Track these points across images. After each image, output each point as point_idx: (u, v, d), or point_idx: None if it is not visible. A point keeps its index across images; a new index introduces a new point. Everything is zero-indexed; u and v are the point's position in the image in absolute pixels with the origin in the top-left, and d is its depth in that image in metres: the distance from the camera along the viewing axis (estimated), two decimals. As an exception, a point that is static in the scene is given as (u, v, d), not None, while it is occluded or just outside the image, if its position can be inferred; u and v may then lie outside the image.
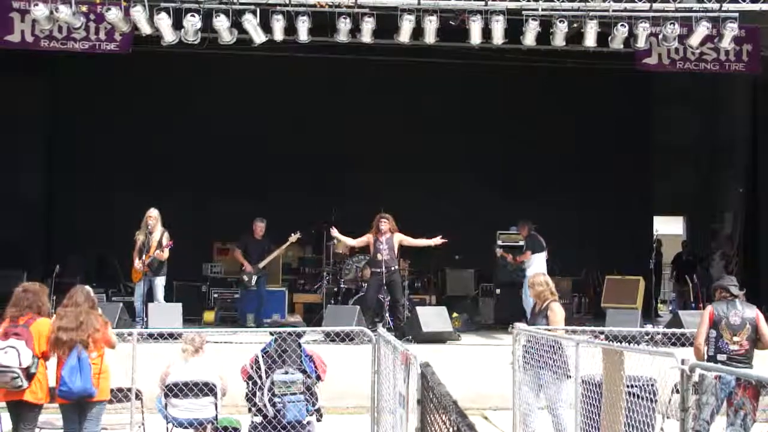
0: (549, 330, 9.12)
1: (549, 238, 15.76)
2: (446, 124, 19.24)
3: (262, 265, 14.95)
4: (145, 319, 13.30)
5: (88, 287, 8.32)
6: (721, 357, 8.53)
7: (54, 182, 19.09)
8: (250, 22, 12.98)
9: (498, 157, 19.19)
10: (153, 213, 13.63)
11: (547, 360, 8.68)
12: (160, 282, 13.69)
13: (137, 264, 13.51)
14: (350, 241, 14.42)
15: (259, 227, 15.09)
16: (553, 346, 8.62)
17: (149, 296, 13.61)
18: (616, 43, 13.47)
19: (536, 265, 14.43)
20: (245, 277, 14.95)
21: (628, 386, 7.35)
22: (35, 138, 18.84)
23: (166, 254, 13.52)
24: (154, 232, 13.55)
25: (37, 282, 8.36)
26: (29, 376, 7.76)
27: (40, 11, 12.55)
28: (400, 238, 14.02)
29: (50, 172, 19.14)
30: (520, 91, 18.99)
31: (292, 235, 15.07)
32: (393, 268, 13.85)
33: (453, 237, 14.62)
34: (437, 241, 13.99)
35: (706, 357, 8.57)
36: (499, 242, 15.89)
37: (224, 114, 18.86)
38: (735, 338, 8.55)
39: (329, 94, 18.89)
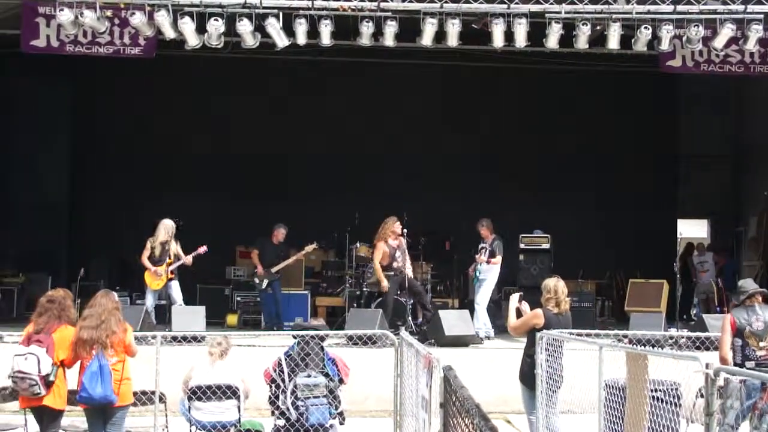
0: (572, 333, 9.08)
1: (572, 241, 15.67)
2: (467, 125, 19.22)
3: (274, 270, 14.96)
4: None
5: (112, 291, 8.41)
6: (749, 364, 8.40)
7: (78, 185, 19.21)
8: (274, 26, 13.01)
9: (521, 159, 19.14)
10: (169, 223, 13.73)
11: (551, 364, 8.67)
12: (176, 285, 13.75)
13: (159, 271, 13.53)
14: (379, 268, 13.98)
15: (280, 233, 15.09)
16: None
17: (168, 299, 13.70)
18: (640, 46, 13.40)
19: (495, 271, 14.29)
20: (256, 279, 15.00)
21: (652, 390, 7.30)
22: (59, 140, 18.96)
23: (190, 259, 13.66)
24: (171, 240, 13.65)
25: (61, 288, 8.40)
26: (47, 384, 7.79)
27: (65, 16, 12.66)
28: (403, 243, 14.07)
29: (74, 175, 19.27)
30: (542, 93, 18.96)
31: (309, 244, 15.11)
32: (407, 271, 13.91)
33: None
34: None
35: (733, 365, 8.45)
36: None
37: (247, 116, 18.92)
38: (762, 344, 8.44)
39: (349, 96, 18.90)
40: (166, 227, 13.70)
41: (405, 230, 14.06)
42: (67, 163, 19.25)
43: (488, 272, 14.15)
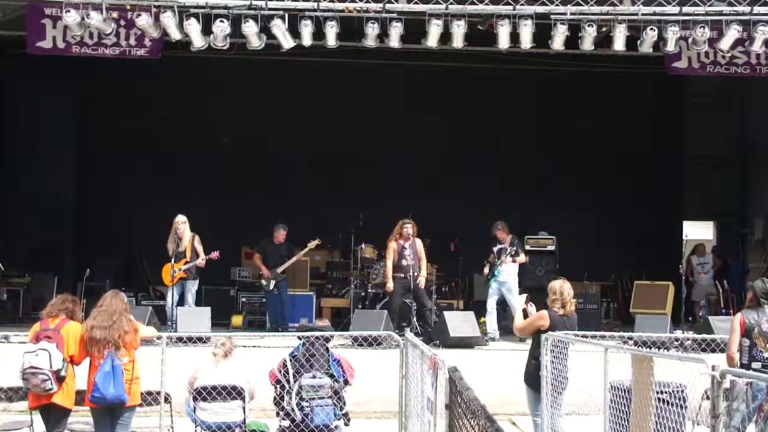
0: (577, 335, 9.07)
1: (577, 243, 15.57)
2: (472, 125, 19.21)
3: (279, 270, 14.98)
4: (174, 323, 13.42)
5: (121, 291, 8.45)
6: (755, 365, 8.36)
7: (82, 186, 19.21)
8: (279, 28, 13.02)
9: (525, 160, 19.13)
10: (181, 218, 13.73)
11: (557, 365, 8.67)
12: (193, 286, 13.78)
13: (174, 270, 13.53)
14: (389, 267, 14.05)
15: (280, 234, 15.12)
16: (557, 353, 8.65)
17: (180, 300, 13.71)
18: (646, 47, 13.39)
19: (516, 270, 14.33)
20: (263, 282, 15.03)
21: (657, 392, 7.30)
22: (62, 140, 18.95)
23: (203, 262, 13.67)
24: (184, 238, 13.65)
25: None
26: (59, 379, 7.82)
27: (71, 17, 12.69)
28: (420, 246, 14.05)
29: (78, 175, 19.26)
30: (548, 93, 18.93)
31: (311, 241, 15.13)
32: (417, 274, 13.86)
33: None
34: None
35: (739, 365, 8.41)
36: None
37: (247, 116, 18.90)
38: (769, 345, 8.42)
39: (350, 96, 18.87)
40: (175, 223, 13.73)
41: (414, 230, 14.04)
42: (72, 164, 19.23)
43: (511, 273, 14.18)
